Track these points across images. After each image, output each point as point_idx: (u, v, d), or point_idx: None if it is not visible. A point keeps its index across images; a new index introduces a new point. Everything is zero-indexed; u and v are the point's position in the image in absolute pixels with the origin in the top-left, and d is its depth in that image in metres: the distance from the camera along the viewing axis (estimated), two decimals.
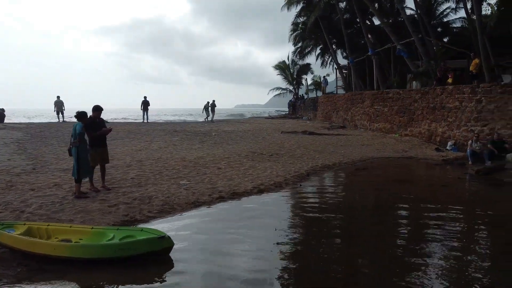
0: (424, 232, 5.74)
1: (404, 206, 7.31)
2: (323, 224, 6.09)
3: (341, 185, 9.11)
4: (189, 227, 5.82)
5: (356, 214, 6.83)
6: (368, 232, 5.83)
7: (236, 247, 5.01)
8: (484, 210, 6.87)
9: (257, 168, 10.07)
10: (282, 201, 7.50)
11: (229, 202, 7.22)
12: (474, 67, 15.54)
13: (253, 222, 6.10)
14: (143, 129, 18.76)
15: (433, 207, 7.01)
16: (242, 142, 15.11)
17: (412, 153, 14.08)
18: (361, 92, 23.62)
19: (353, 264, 4.69)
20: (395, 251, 4.96)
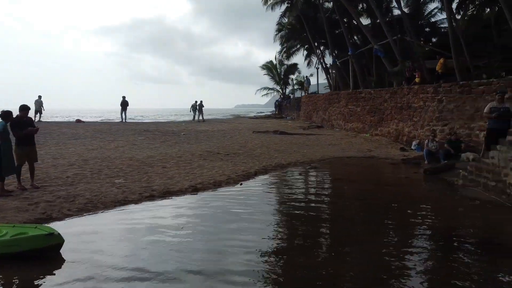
0: (339, 227, 5.72)
1: (333, 204, 7.28)
2: (236, 225, 5.94)
3: (282, 184, 9.06)
4: (97, 226, 5.78)
5: (276, 213, 6.70)
6: (275, 229, 5.79)
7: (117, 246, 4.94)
8: (409, 207, 6.86)
9: (205, 167, 10.04)
10: (212, 200, 7.42)
11: (158, 201, 7.17)
12: (440, 67, 15.53)
13: (164, 222, 6.00)
14: (115, 129, 18.73)
15: (363, 205, 6.99)
16: (206, 141, 15.09)
17: (376, 153, 14.06)
18: (338, 92, 23.62)
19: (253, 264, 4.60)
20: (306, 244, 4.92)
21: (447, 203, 7.26)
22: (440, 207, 7.09)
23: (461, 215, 6.51)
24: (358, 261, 4.61)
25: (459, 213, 6.61)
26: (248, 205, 6.91)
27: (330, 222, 6.18)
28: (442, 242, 5.21)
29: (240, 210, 6.55)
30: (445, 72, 15.50)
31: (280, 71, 42.11)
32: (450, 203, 7.29)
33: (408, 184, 9.16)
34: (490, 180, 7.72)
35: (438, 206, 7.21)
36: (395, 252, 4.77)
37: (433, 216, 6.44)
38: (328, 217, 6.43)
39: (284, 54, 37.53)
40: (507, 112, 8.34)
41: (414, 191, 8.45)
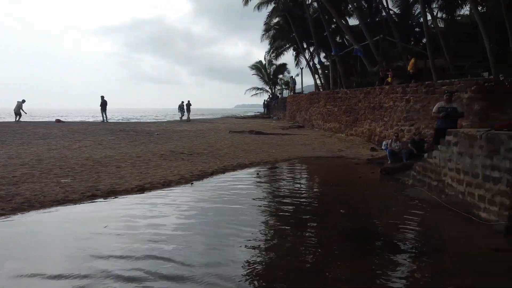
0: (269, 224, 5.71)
1: (268, 203, 7.27)
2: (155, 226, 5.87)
3: (232, 184, 8.99)
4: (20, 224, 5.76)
5: (209, 213, 6.62)
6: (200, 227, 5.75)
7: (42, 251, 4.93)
8: (343, 207, 6.85)
9: (162, 167, 10.04)
10: (155, 198, 7.41)
11: (98, 200, 7.15)
12: (411, 67, 15.57)
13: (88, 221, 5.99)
14: (91, 129, 18.72)
15: (294, 204, 6.98)
16: (175, 141, 15.09)
17: (345, 153, 14.08)
18: (318, 92, 23.64)
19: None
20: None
21: (384, 203, 7.25)
22: (375, 207, 7.09)
23: (392, 215, 6.50)
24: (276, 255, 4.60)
25: (390, 213, 6.61)
26: (180, 206, 6.86)
27: (255, 221, 6.13)
28: (357, 242, 5.21)
29: (170, 212, 6.50)
30: (416, 72, 15.54)
31: (270, 71, 42.10)
32: (388, 203, 7.28)
33: (359, 184, 9.16)
34: (433, 180, 7.74)
35: (374, 205, 7.20)
36: (303, 247, 4.78)
37: (360, 215, 6.43)
38: (254, 218, 6.32)
39: (273, 54, 37.55)
40: (454, 112, 8.35)
41: (359, 191, 8.44)
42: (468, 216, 6.08)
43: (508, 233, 5.33)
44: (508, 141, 5.43)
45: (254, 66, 42.25)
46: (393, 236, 5.39)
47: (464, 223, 5.94)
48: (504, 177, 5.50)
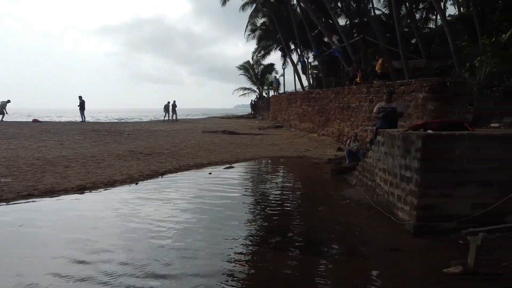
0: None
1: (212, 203, 7.26)
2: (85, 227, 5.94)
3: (181, 183, 9.02)
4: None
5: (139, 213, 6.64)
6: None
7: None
8: (276, 207, 6.87)
9: (113, 166, 10.05)
10: (94, 197, 7.42)
11: (34, 199, 7.15)
12: (379, 67, 15.57)
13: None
14: (64, 128, 18.67)
15: (231, 204, 6.99)
16: (141, 141, 15.11)
17: (311, 153, 14.12)
18: (296, 92, 23.67)
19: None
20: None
21: (316, 203, 7.24)
22: (306, 206, 7.11)
23: (318, 215, 6.51)
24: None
25: (317, 213, 6.61)
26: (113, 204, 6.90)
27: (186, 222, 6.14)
28: (273, 239, 5.21)
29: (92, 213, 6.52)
30: (384, 72, 15.55)
31: (258, 71, 42.06)
32: (320, 203, 7.28)
33: (305, 184, 9.19)
34: (369, 179, 7.77)
35: (305, 205, 7.21)
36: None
37: (286, 215, 6.45)
38: (186, 218, 6.36)
39: (259, 54, 37.55)
40: (393, 112, 8.37)
41: (300, 191, 8.45)
42: (389, 216, 6.11)
43: (417, 233, 5.35)
44: (416, 141, 5.45)
45: (242, 66, 42.19)
46: (305, 235, 5.43)
47: (384, 223, 5.96)
48: (413, 176, 5.52)
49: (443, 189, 5.37)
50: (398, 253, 4.76)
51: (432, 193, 5.37)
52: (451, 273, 4.13)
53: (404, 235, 5.40)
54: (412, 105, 11.36)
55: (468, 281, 3.98)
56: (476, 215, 5.29)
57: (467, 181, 5.35)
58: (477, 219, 5.26)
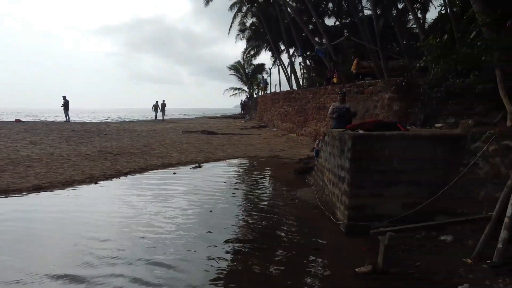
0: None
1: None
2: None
3: (134, 184, 9.02)
4: None
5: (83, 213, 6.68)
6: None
7: None
8: (216, 206, 6.88)
9: (77, 166, 10.07)
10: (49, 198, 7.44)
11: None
12: (354, 67, 15.62)
13: None
14: (43, 128, 18.68)
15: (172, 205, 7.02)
16: (115, 141, 15.12)
17: (284, 153, 14.16)
18: (279, 92, 23.71)
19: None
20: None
21: (262, 203, 7.27)
22: (251, 205, 7.11)
23: (257, 214, 6.53)
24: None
25: (260, 213, 6.64)
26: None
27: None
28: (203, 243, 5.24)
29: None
30: (359, 72, 15.60)
31: (248, 71, 42.08)
32: (268, 203, 7.31)
33: (264, 183, 9.23)
34: (320, 179, 7.82)
35: (252, 203, 7.21)
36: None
37: (227, 215, 6.47)
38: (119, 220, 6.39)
39: (249, 54, 37.58)
40: (347, 112, 8.42)
41: (255, 191, 8.45)
42: (330, 216, 6.14)
43: (349, 232, 5.39)
44: (348, 141, 5.50)
45: (232, 66, 42.23)
46: (234, 232, 5.46)
47: (323, 222, 5.99)
48: (346, 176, 5.56)
49: (374, 189, 5.41)
50: (319, 252, 4.79)
51: (363, 193, 5.41)
52: (361, 273, 4.17)
53: (336, 235, 5.44)
54: (379, 105, 11.42)
55: (374, 281, 4.02)
56: (406, 214, 5.34)
57: (397, 181, 5.40)
58: (408, 219, 5.32)
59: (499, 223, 4.35)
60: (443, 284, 3.91)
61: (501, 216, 4.32)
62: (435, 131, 5.80)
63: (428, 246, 4.84)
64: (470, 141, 5.19)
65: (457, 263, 4.37)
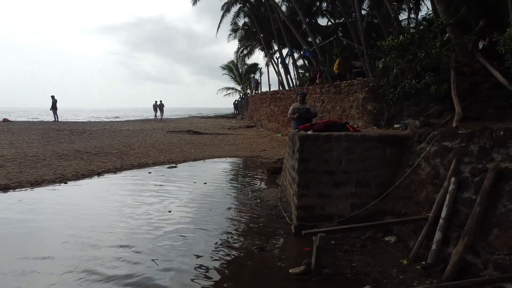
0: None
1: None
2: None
3: (105, 185, 9.04)
4: None
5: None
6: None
7: None
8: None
9: (50, 166, 10.07)
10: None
11: None
12: (336, 67, 15.62)
13: None
14: (29, 128, 18.70)
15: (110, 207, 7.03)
16: (95, 141, 15.10)
17: (265, 153, 14.18)
18: (266, 92, 23.72)
19: None
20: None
21: (226, 203, 7.28)
22: (212, 206, 7.11)
23: (215, 214, 6.54)
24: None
25: (218, 212, 6.65)
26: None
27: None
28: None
29: None
30: (341, 73, 15.61)
31: (242, 71, 42.05)
32: (230, 202, 7.32)
33: (233, 183, 9.21)
34: (284, 179, 7.82)
35: (213, 204, 7.21)
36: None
37: (183, 212, 6.49)
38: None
39: (241, 54, 37.58)
40: (307, 113, 8.41)
41: (222, 190, 8.41)
42: (286, 216, 6.15)
43: (297, 233, 5.40)
44: (297, 141, 5.51)
45: (225, 66, 42.20)
46: (186, 232, 5.47)
47: (277, 223, 5.99)
48: (296, 177, 5.58)
49: (322, 189, 5.43)
50: (262, 253, 4.80)
51: (311, 193, 5.43)
52: (294, 273, 4.19)
53: (286, 236, 5.46)
54: (354, 106, 11.43)
55: (304, 282, 4.04)
56: (355, 214, 5.36)
57: (346, 182, 5.41)
58: (357, 219, 5.33)
59: (435, 223, 4.37)
60: (371, 284, 3.92)
61: (438, 217, 4.34)
62: (384, 132, 5.81)
63: (370, 247, 4.87)
64: (416, 142, 5.20)
65: (393, 264, 4.39)
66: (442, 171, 4.52)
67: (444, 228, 4.18)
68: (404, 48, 6.43)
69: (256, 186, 8.82)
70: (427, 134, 5.03)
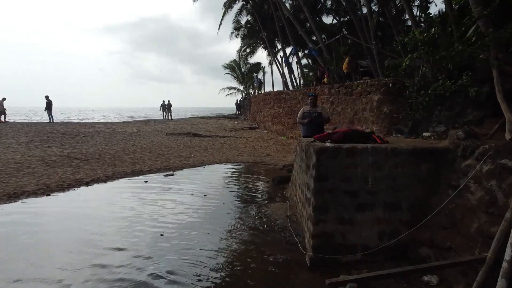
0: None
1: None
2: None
3: (89, 197, 8.13)
4: None
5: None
6: None
7: None
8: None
9: (34, 174, 9.16)
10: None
11: None
12: (346, 66, 14.66)
13: None
14: (21, 130, 17.78)
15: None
16: (88, 144, 14.17)
17: (270, 158, 13.25)
18: (270, 92, 22.77)
19: None
20: None
21: (224, 220, 6.34)
22: (208, 223, 6.18)
23: (208, 236, 5.60)
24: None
25: (218, 234, 5.71)
26: None
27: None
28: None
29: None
30: (350, 72, 14.65)
31: (244, 70, 41.06)
32: (229, 220, 6.37)
33: (235, 195, 8.27)
34: (294, 193, 6.87)
35: (209, 222, 6.28)
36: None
37: (172, 235, 5.55)
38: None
39: (244, 53, 36.63)
40: (319, 118, 7.44)
41: (220, 205, 7.47)
42: (298, 242, 5.18)
43: (313, 266, 4.46)
44: (313, 155, 4.54)
45: (227, 65, 41.18)
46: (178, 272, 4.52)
47: (286, 250, 5.03)
48: (311, 198, 4.62)
49: (343, 213, 4.47)
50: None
51: (330, 218, 4.47)
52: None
53: (298, 269, 4.51)
54: (368, 108, 10.47)
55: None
56: (384, 245, 4.40)
57: (372, 204, 4.45)
58: (387, 251, 4.38)
59: (496, 266, 3.41)
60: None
61: (498, 258, 3.38)
62: (419, 143, 4.82)
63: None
64: (460, 157, 4.23)
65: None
66: (501, 197, 3.55)
67: (509, 275, 3.22)
68: (435, 43, 5.45)
69: (261, 200, 7.85)
70: (475, 147, 4.05)
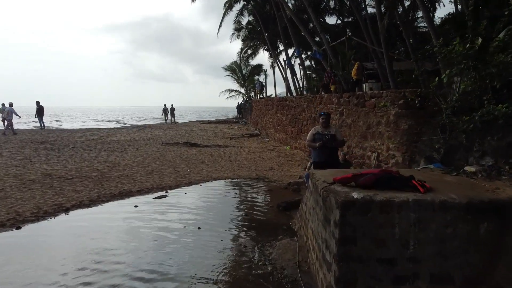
0: None
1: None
2: None
3: (69, 227, 7.07)
4: None
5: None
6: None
7: None
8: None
9: (7, 199, 8.09)
10: None
11: None
12: (355, 72, 13.57)
13: None
14: (7, 139, 16.74)
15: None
16: (76, 158, 13.08)
17: (273, 173, 12.20)
18: (272, 98, 21.70)
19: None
20: None
21: (214, 267, 5.24)
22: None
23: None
24: None
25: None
26: None
27: None
28: None
29: None
30: (359, 79, 13.55)
31: (246, 72, 39.99)
32: (221, 268, 5.28)
33: (231, 228, 7.17)
34: (304, 231, 5.77)
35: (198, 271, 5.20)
36: None
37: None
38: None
39: (245, 54, 35.62)
40: (332, 140, 6.34)
41: (213, 250, 6.38)
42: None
43: None
44: (335, 208, 3.44)
45: (228, 67, 40.09)
46: None
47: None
48: (332, 264, 3.52)
49: (376, 287, 3.37)
50: None
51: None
52: None
53: None
54: (383, 122, 9.38)
55: None
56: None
57: (414, 275, 3.36)
58: None
59: None
60: None
61: None
62: (471, 191, 3.70)
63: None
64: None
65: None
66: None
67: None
68: (481, 58, 4.36)
69: (264, 235, 6.74)
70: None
